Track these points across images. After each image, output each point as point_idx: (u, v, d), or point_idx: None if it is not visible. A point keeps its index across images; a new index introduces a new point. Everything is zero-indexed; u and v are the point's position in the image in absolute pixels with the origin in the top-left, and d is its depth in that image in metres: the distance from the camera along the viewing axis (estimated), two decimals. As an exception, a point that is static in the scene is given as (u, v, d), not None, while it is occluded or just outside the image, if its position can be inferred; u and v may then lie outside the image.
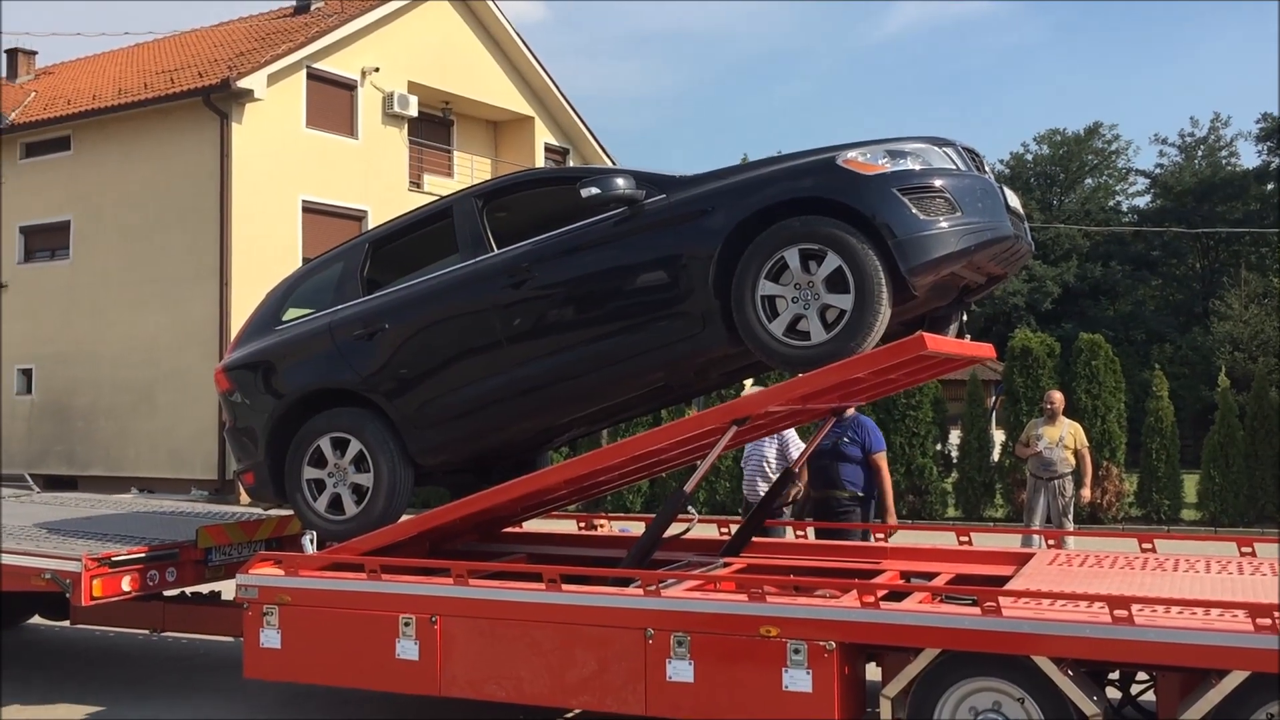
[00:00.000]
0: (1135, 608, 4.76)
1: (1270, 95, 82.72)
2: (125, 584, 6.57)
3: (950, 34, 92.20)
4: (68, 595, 6.36)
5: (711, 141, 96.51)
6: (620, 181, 5.86)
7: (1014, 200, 5.90)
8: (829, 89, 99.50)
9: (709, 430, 5.98)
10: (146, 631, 8.11)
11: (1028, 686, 4.89)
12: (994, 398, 21.33)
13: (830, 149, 5.63)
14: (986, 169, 5.96)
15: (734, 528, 7.43)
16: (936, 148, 5.67)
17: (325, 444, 6.54)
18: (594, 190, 5.83)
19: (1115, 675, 5.64)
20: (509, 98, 26.94)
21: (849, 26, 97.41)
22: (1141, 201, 50.56)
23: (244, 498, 18.83)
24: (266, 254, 20.86)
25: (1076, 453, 11.00)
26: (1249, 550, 6.49)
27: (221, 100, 20.88)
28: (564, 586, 5.72)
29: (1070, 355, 17.40)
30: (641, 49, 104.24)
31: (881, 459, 8.13)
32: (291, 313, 7.00)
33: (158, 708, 6.89)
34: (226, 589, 7.12)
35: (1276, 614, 4.52)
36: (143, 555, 6.72)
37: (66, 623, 8.45)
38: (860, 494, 8.29)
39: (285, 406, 6.71)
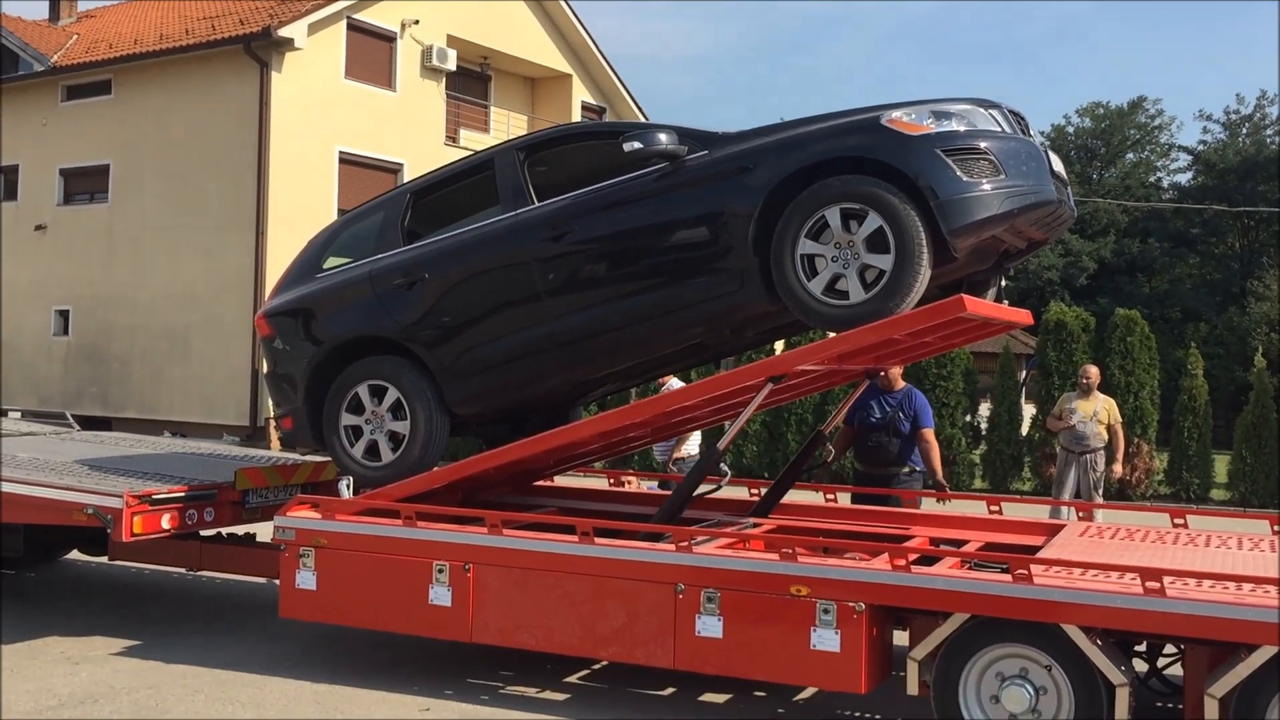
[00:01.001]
0: (1167, 580, 4.78)
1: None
2: (165, 522, 6.69)
3: (995, 3, 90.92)
4: (109, 531, 6.47)
5: (754, 105, 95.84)
6: (663, 137, 5.86)
7: (1058, 164, 5.86)
8: (875, 54, 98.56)
9: (744, 388, 5.99)
10: (183, 570, 8.26)
11: (1055, 654, 4.91)
12: (1026, 371, 21.22)
13: (875, 108, 5.61)
14: (1032, 132, 5.91)
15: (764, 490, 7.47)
16: (982, 109, 5.64)
17: (363, 391, 6.61)
18: (636, 145, 5.84)
19: (1142, 647, 5.66)
20: (547, 54, 26.83)
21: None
22: (1183, 178, 49.92)
23: (275, 443, 19.03)
24: (303, 204, 20.95)
25: (1109, 428, 10.95)
26: (1281, 529, 6.47)
27: (262, 48, 20.90)
28: (596, 540, 5.78)
29: (1105, 331, 17.27)
30: (686, 9, 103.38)
31: (930, 434, 8.09)
32: (332, 261, 7.05)
33: (193, 644, 7.03)
34: (261, 532, 7.24)
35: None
36: (182, 495, 6.82)
37: (104, 559, 8.62)
38: (918, 469, 8.24)
39: (325, 353, 6.78)
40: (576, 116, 27.22)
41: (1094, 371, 11.25)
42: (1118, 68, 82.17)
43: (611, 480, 8.48)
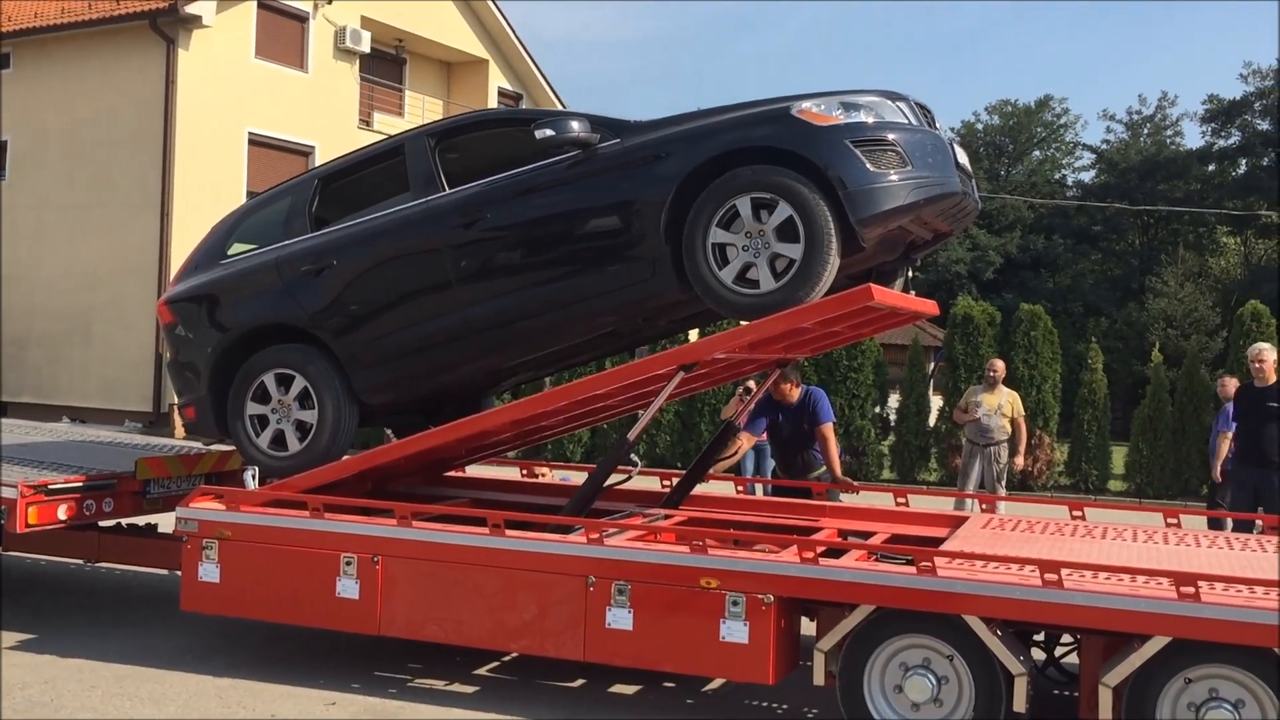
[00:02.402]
0: (1065, 572, 4.90)
1: (1217, 78, 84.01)
2: (61, 513, 6.51)
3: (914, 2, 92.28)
4: (2, 522, 6.28)
5: (675, 93, 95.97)
6: (575, 124, 5.85)
7: (963, 157, 5.98)
8: (796, 46, 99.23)
9: (656, 376, 6.01)
10: (80, 562, 8.03)
11: (957, 644, 5.02)
12: (934, 363, 21.62)
13: (785, 99, 5.66)
14: (938, 125, 6.02)
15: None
16: (890, 102, 5.73)
17: (270, 380, 6.50)
18: (548, 132, 5.82)
19: (1040, 636, 5.81)
20: (464, 39, 26.55)
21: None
22: (1086, 176, 51.26)
23: (179, 431, 18.60)
24: (210, 185, 20.48)
25: (1012, 421, 11.22)
26: (1174, 521, 6.69)
27: (168, 25, 20.36)
28: (508, 532, 5.76)
29: (1010, 325, 17.66)
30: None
31: (829, 429, 8.12)
32: (237, 247, 6.94)
33: (91, 638, 6.84)
34: (164, 523, 7.08)
35: (1200, 583, 4.68)
36: (80, 484, 6.64)
37: (-2, 550, 8.35)
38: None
39: (230, 341, 6.66)
40: (493, 102, 27.00)
41: (1000, 365, 11.52)
42: (1028, 66, 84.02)
43: (524, 471, 8.46)
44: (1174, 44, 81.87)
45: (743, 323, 5.80)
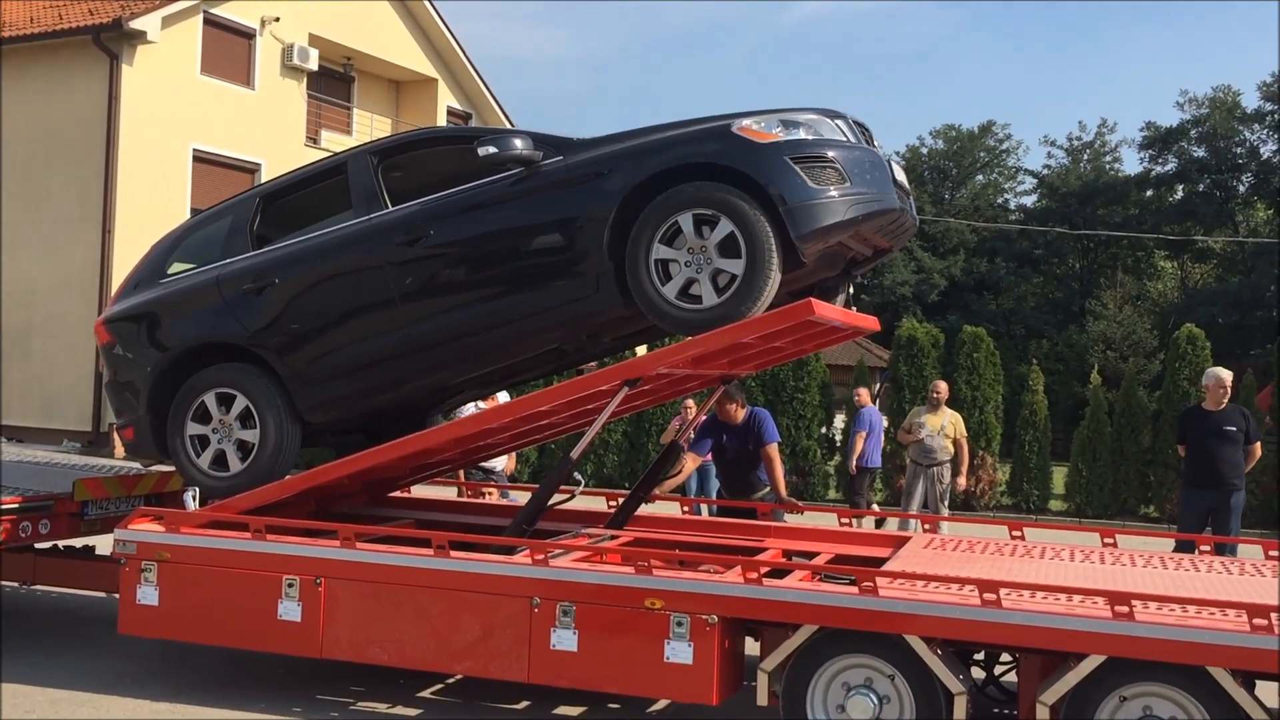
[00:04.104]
0: (1003, 592, 4.98)
1: (1154, 106, 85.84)
2: (-5, 535, 6.38)
3: (860, 23, 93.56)
4: (-67, 544, 6.15)
5: (626, 112, 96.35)
6: (518, 142, 5.88)
7: (900, 175, 6.08)
8: (746, 68, 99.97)
9: (600, 391, 6.03)
10: (16, 584, 7.87)
11: (899, 664, 5.07)
12: (879, 384, 21.82)
13: (726, 117, 5.73)
14: (875, 142, 6.11)
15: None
16: (828, 119, 5.82)
17: (210, 399, 6.44)
18: (491, 150, 5.84)
19: (980, 655, 5.88)
20: (413, 58, 26.50)
21: (767, 8, 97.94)
22: (1028, 200, 52.10)
23: (119, 451, 18.30)
24: (154, 202, 20.23)
25: (955, 441, 11.36)
26: (1111, 541, 6.80)
27: (112, 40, 20.12)
28: (452, 553, 5.74)
29: (954, 346, 17.89)
30: (560, 15, 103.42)
31: (773, 449, 8.15)
32: (177, 266, 6.88)
33: (26, 661, 6.71)
34: (101, 544, 6.97)
35: (1134, 602, 4.77)
36: (15, 506, 6.52)
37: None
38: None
39: (169, 360, 6.59)
40: (442, 121, 26.95)
41: (944, 387, 11.68)
42: (967, 93, 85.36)
43: (469, 491, 8.43)
44: (1113, 72, 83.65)
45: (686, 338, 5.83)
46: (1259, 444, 9.46)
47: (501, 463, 9.76)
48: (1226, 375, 9.35)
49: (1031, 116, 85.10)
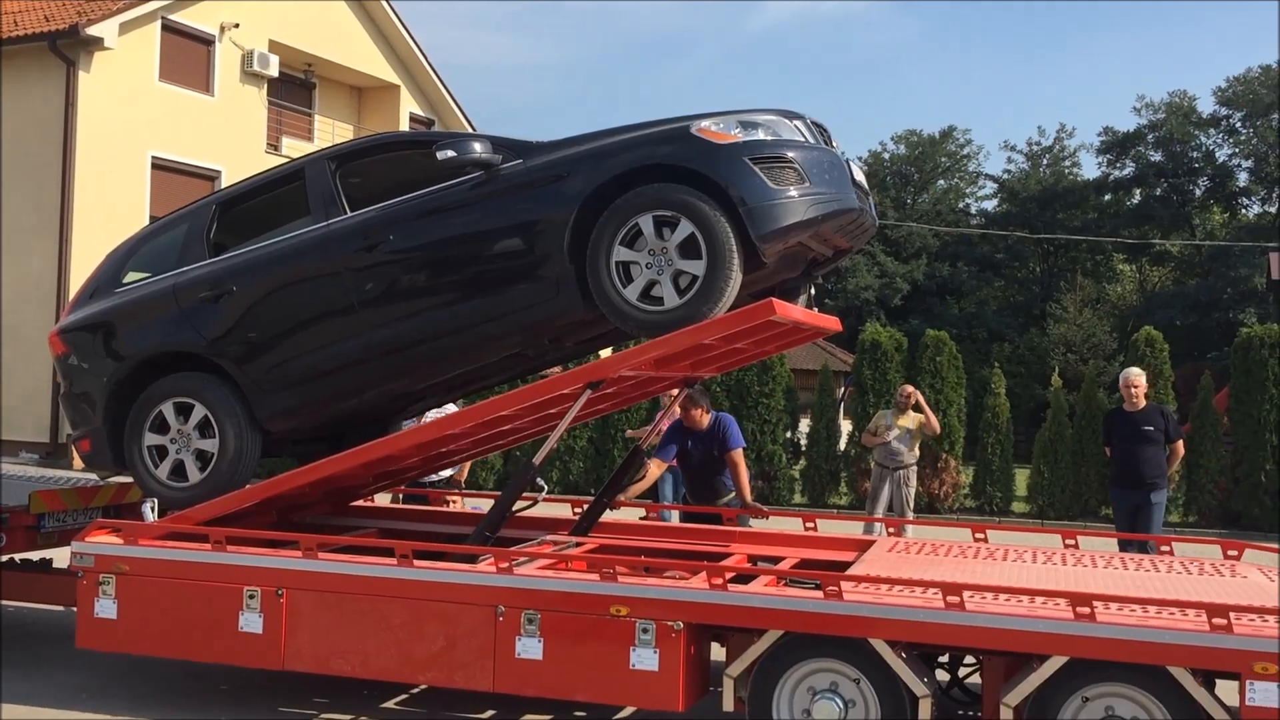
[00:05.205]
0: (966, 594, 5.00)
1: (1112, 110, 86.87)
2: (-51, 549, 6.28)
3: (824, 29, 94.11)
4: (-116, 559, 6.04)
5: (590, 118, 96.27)
6: (476, 145, 5.86)
7: (859, 175, 6.11)
8: (710, 74, 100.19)
9: (563, 395, 6.00)
10: (-31, 599, 7.74)
11: (864, 668, 5.08)
12: (843, 388, 21.91)
13: (685, 118, 5.73)
14: (834, 143, 6.13)
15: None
16: (787, 120, 5.84)
17: (168, 409, 6.36)
18: (449, 154, 5.82)
19: (945, 658, 5.91)
20: (374, 64, 26.38)
21: (731, 13, 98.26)
22: (989, 205, 52.55)
23: (77, 463, 18.07)
24: (112, 210, 20.01)
25: (923, 425, 11.42)
26: (1072, 543, 6.86)
27: (69, 47, 19.89)
28: (415, 562, 5.70)
29: (916, 350, 17.99)
30: (525, 22, 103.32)
31: (738, 455, 8.14)
32: (132, 275, 6.79)
33: (-21, 679, 6.60)
34: (59, 557, 6.86)
35: (1095, 603, 4.81)
36: (-31, 519, 6.42)
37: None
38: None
39: (126, 370, 6.51)
40: (404, 127, 26.82)
41: (911, 391, 11.72)
42: (928, 98, 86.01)
43: (433, 499, 8.38)
44: (1071, 77, 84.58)
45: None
46: (1180, 442, 9.58)
47: (450, 471, 9.69)
48: (1136, 374, 9.49)
49: (992, 122, 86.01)
